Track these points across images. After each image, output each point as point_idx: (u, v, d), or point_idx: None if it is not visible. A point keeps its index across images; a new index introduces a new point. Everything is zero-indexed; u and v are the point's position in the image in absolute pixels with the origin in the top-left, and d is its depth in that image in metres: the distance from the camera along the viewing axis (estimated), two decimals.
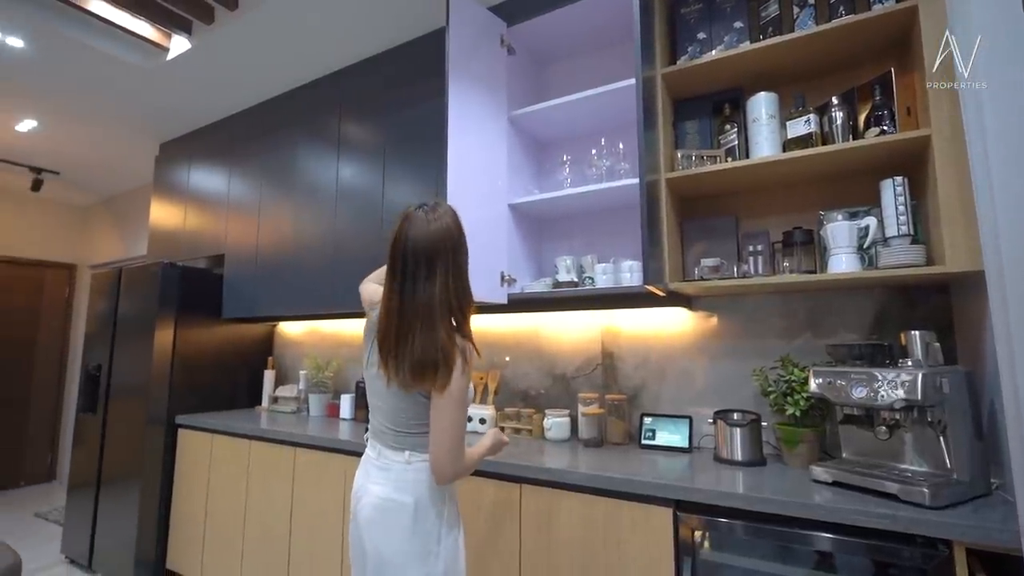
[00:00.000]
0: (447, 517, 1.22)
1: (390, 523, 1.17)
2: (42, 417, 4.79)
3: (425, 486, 1.19)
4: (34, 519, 3.74)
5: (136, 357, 2.79)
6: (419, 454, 1.21)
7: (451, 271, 1.17)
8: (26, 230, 4.79)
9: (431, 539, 1.17)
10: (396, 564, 1.16)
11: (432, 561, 1.16)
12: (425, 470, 1.19)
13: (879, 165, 1.55)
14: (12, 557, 0.97)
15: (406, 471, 1.20)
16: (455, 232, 1.21)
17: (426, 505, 1.18)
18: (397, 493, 1.18)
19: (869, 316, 1.66)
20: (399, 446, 1.22)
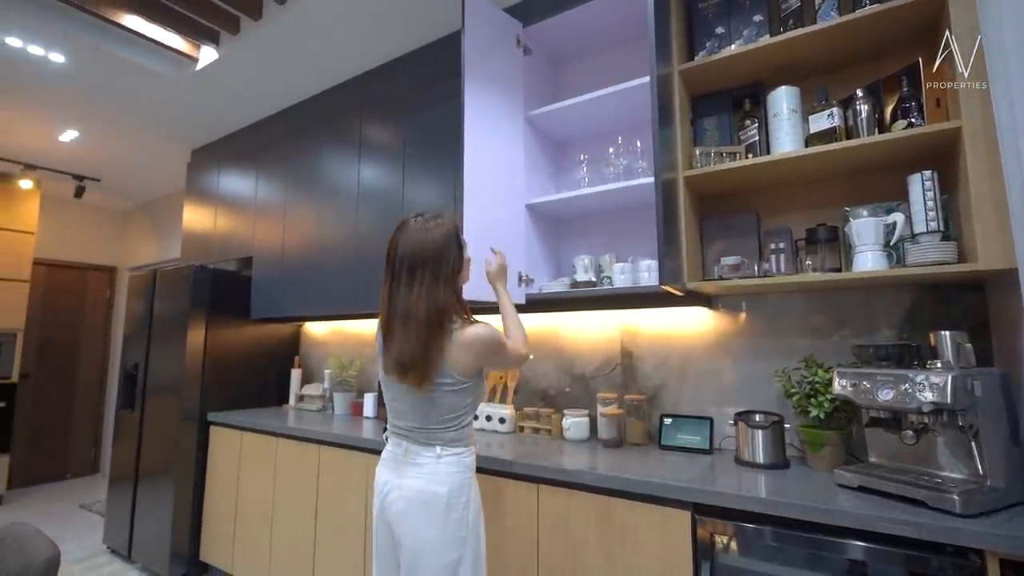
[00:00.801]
0: (473, 504, 1.32)
1: (426, 513, 1.26)
2: (86, 413, 5.03)
3: (456, 477, 1.29)
4: (79, 510, 3.93)
5: (170, 356, 2.90)
6: (449, 448, 1.31)
7: (427, 281, 1.24)
8: (70, 234, 5.03)
9: (462, 524, 1.28)
10: (433, 550, 1.25)
11: (462, 544, 1.27)
12: (455, 463, 1.30)
13: (907, 159, 1.50)
14: (51, 549, 1.02)
15: (438, 465, 1.29)
16: (440, 243, 1.27)
17: (457, 494, 1.28)
18: (431, 485, 1.28)
19: (898, 315, 1.61)
20: (429, 442, 1.32)
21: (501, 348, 1.33)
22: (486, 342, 1.28)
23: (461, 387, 1.29)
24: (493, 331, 1.31)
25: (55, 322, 4.87)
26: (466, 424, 1.34)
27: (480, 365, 1.31)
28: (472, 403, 1.35)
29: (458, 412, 1.31)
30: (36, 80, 2.86)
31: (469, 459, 1.35)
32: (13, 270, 4.16)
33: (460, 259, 1.32)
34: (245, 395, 3.06)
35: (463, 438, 1.34)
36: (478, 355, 1.28)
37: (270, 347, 3.24)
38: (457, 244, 1.31)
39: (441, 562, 1.25)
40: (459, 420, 1.32)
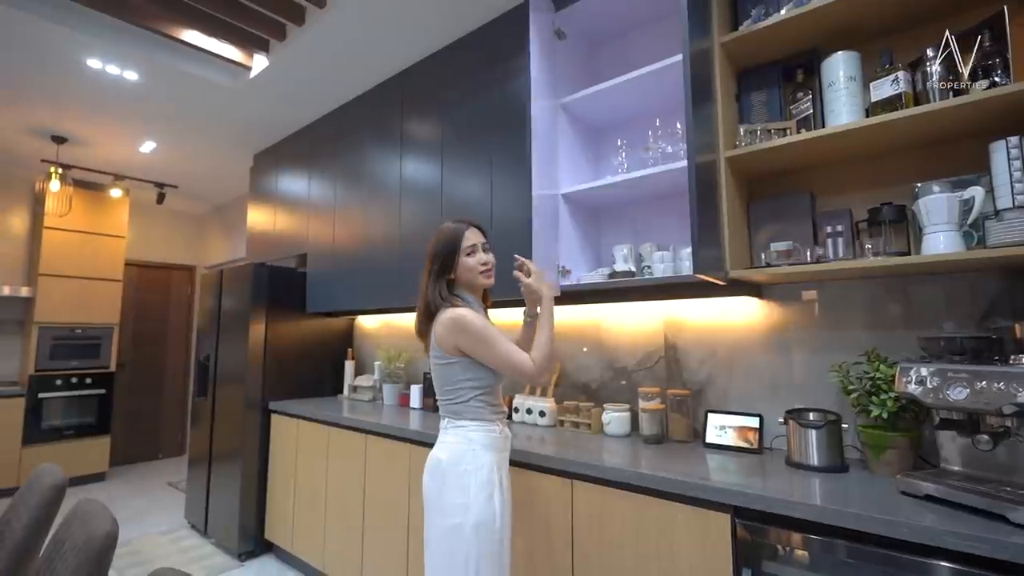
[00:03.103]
0: (476, 475, 1.36)
1: (430, 478, 1.42)
2: (174, 400, 5.51)
3: (457, 447, 1.40)
4: (167, 487, 4.32)
5: (235, 348, 3.10)
6: (454, 420, 1.44)
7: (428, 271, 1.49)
8: (154, 237, 5.51)
9: (462, 491, 1.35)
10: (433, 513, 1.39)
11: (462, 512, 1.34)
12: (459, 434, 1.42)
13: (989, 124, 1.31)
14: (111, 524, 1.11)
15: (446, 434, 1.44)
16: (436, 244, 1.50)
17: (456, 461, 1.38)
18: (437, 451, 1.44)
19: (977, 304, 1.42)
20: (444, 414, 1.48)
21: (475, 335, 1.37)
22: (451, 320, 1.39)
23: (447, 361, 1.43)
24: (462, 315, 1.38)
25: (145, 317, 5.36)
26: (466, 400, 1.43)
27: (457, 343, 1.39)
28: (468, 381, 1.42)
29: (452, 385, 1.44)
30: (116, 97, 3.13)
31: (475, 434, 1.41)
32: (109, 271, 4.62)
33: (452, 257, 1.47)
34: (303, 385, 3.22)
35: (464, 413, 1.43)
36: (449, 332, 1.39)
37: (325, 339, 3.39)
38: (448, 249, 1.47)
39: (442, 524, 1.35)
40: (456, 394, 1.43)
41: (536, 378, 1.39)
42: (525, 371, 1.37)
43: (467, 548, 1.32)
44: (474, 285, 1.50)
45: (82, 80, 2.92)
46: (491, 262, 1.51)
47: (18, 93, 3.09)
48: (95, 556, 1.09)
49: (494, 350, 1.38)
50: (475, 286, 1.50)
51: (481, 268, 1.48)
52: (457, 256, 1.47)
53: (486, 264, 1.50)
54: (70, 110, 3.33)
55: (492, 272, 1.52)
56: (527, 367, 1.37)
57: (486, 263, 1.50)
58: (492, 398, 1.46)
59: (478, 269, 1.48)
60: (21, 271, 4.56)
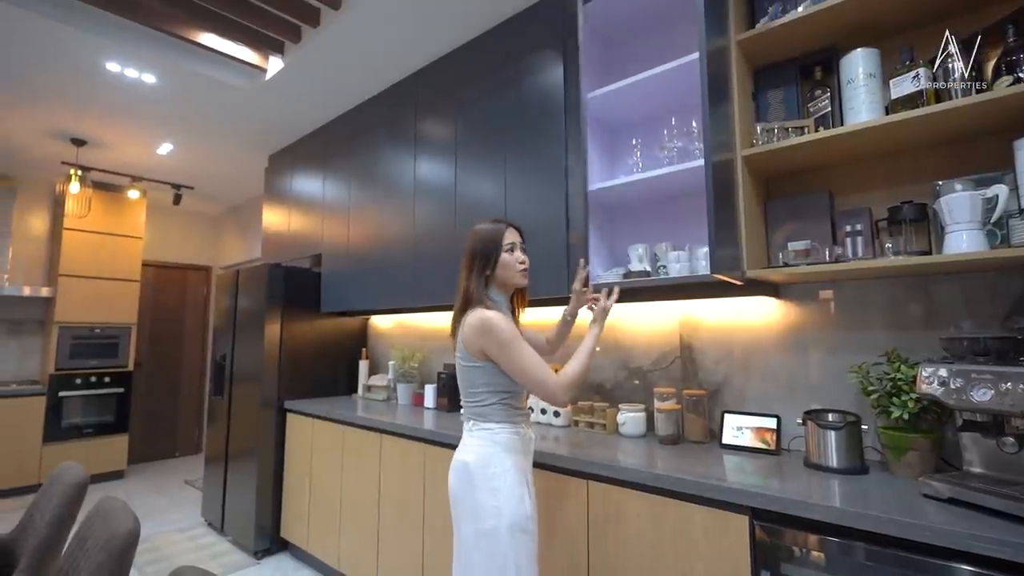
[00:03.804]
0: (504, 477, 1.34)
1: (459, 480, 1.39)
2: (191, 398, 5.59)
3: (483, 449, 1.38)
4: (184, 485, 4.38)
5: (251, 348, 3.14)
6: (479, 422, 1.42)
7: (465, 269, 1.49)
8: (171, 238, 5.59)
9: (494, 493, 1.33)
10: (465, 518, 1.36)
11: (493, 514, 1.32)
12: (482, 436, 1.40)
13: (1013, 121, 1.29)
14: (133, 522, 1.13)
15: (471, 437, 1.42)
16: (473, 243, 1.50)
17: (483, 463, 1.36)
18: (463, 454, 1.41)
19: (999, 304, 1.39)
20: (467, 417, 1.46)
21: (500, 341, 1.34)
22: (478, 322, 1.36)
23: (472, 364, 1.42)
24: (489, 318, 1.35)
25: (162, 317, 5.44)
26: (490, 403, 1.41)
27: (482, 347, 1.37)
28: (491, 384, 1.41)
29: (476, 388, 1.42)
30: (134, 100, 3.18)
31: (500, 436, 1.39)
32: (126, 271, 4.69)
33: (494, 252, 1.46)
34: (318, 384, 3.25)
35: (489, 415, 1.41)
36: (476, 335, 1.37)
37: (340, 339, 3.42)
38: (489, 245, 1.47)
39: (476, 528, 1.32)
40: (480, 397, 1.42)
41: (561, 399, 1.33)
42: (548, 389, 1.33)
43: (505, 551, 1.30)
44: (509, 284, 1.50)
45: (101, 83, 2.97)
46: (527, 262, 1.51)
47: (39, 97, 3.15)
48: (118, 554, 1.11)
49: (517, 361, 1.34)
50: (509, 285, 1.50)
51: (520, 266, 1.48)
52: (498, 253, 1.46)
53: (524, 263, 1.49)
54: (89, 113, 3.39)
55: (528, 272, 1.51)
56: (550, 385, 1.33)
57: (524, 262, 1.49)
58: (516, 400, 1.45)
59: (516, 267, 1.48)
60: (42, 272, 4.65)
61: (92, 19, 2.44)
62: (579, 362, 1.38)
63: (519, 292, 1.55)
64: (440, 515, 2.05)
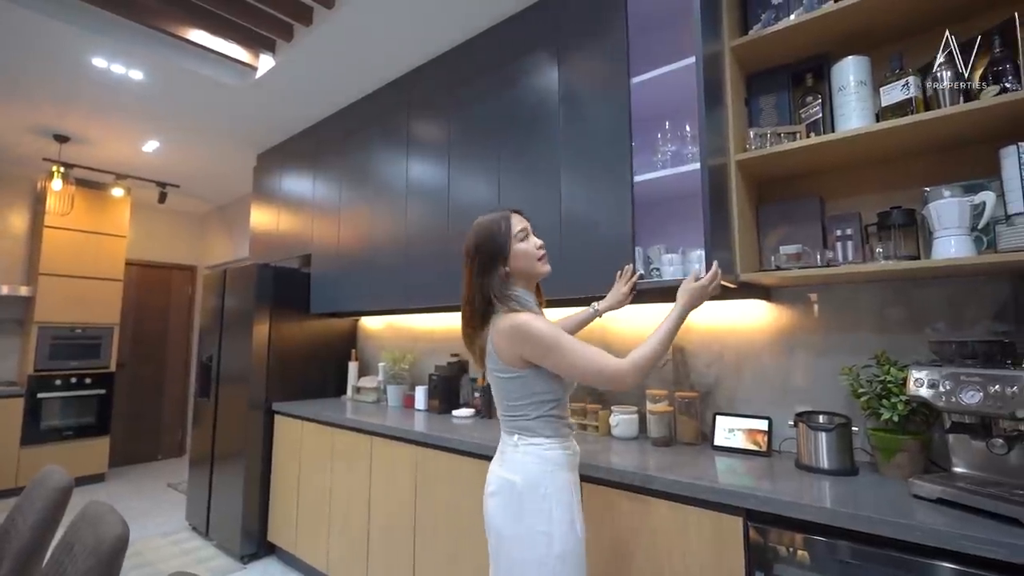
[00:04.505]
0: (558, 499, 1.22)
1: (504, 502, 1.24)
2: (174, 400, 5.49)
3: (532, 467, 1.23)
4: (167, 489, 4.30)
5: (239, 349, 3.09)
6: (526, 437, 1.27)
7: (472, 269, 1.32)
8: (156, 237, 5.50)
9: (541, 518, 1.20)
10: (511, 543, 1.22)
11: (546, 542, 1.18)
12: (532, 452, 1.25)
13: (999, 130, 1.32)
14: (121, 527, 1.10)
15: (516, 453, 1.27)
16: (479, 237, 1.32)
17: (533, 484, 1.22)
18: (508, 472, 1.26)
19: (988, 308, 1.42)
20: (510, 431, 1.31)
21: (544, 344, 1.19)
22: (511, 329, 1.22)
23: (510, 375, 1.26)
24: (525, 321, 1.20)
25: (146, 317, 5.34)
26: (537, 416, 1.26)
27: (520, 353, 1.22)
28: (535, 395, 1.26)
29: (517, 400, 1.27)
30: (121, 96, 3.12)
31: (551, 453, 1.25)
32: (109, 271, 4.60)
33: (500, 250, 1.29)
34: (307, 385, 3.21)
35: (537, 429, 1.26)
36: (511, 343, 1.22)
37: (329, 340, 3.38)
38: (497, 236, 1.30)
39: (523, 557, 1.19)
40: (525, 410, 1.27)
41: (629, 382, 1.17)
42: (611, 374, 1.17)
43: None
44: (532, 274, 1.33)
45: (87, 79, 2.92)
46: (544, 246, 1.35)
47: (22, 92, 3.08)
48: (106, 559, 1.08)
49: (568, 359, 1.19)
50: (533, 275, 1.34)
51: (539, 253, 1.33)
52: (509, 244, 1.29)
53: (541, 248, 1.34)
54: (74, 109, 3.32)
55: (548, 258, 1.35)
56: (621, 370, 1.17)
57: (542, 247, 1.34)
58: (562, 411, 1.30)
59: (536, 254, 1.32)
60: (21, 270, 4.54)
61: (78, 14, 2.39)
62: (655, 343, 1.21)
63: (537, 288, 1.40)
64: (432, 519, 2.03)
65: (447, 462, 2.00)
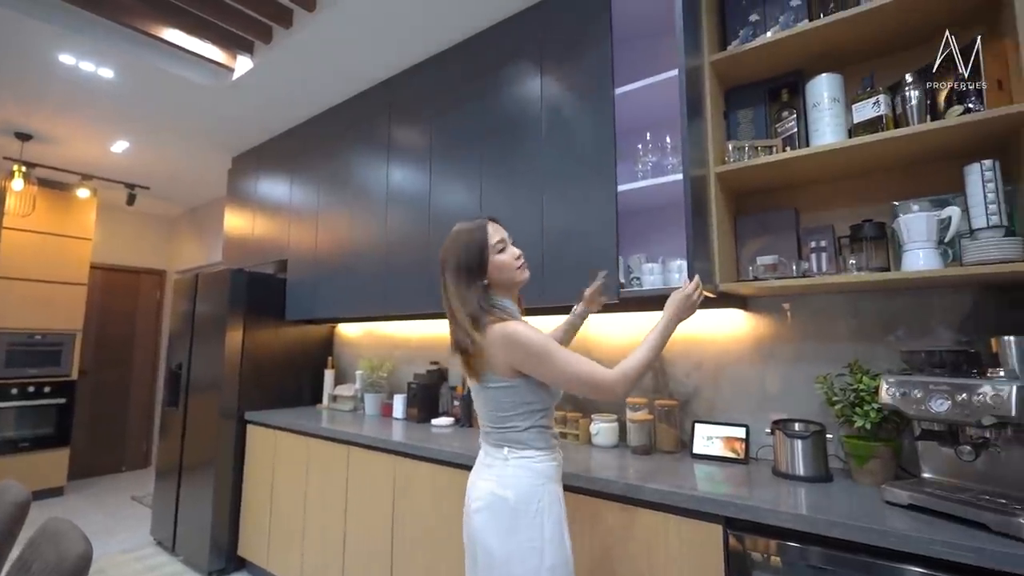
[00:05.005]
0: (550, 512, 1.21)
1: (495, 518, 1.21)
2: (140, 409, 5.29)
3: (524, 481, 1.22)
4: (131, 502, 4.13)
5: (210, 356, 3.00)
6: (516, 450, 1.25)
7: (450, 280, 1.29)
8: (123, 240, 5.32)
9: (534, 533, 1.19)
10: (502, 560, 1.19)
11: (538, 556, 1.17)
12: (524, 466, 1.23)
13: (963, 148, 1.38)
14: (84, 545, 1.05)
15: (506, 467, 1.25)
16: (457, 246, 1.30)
17: (526, 499, 1.20)
18: (499, 488, 1.23)
19: (954, 318, 1.48)
20: (498, 443, 1.28)
21: (535, 352, 1.19)
22: (503, 338, 1.20)
23: (502, 385, 1.24)
24: (516, 330, 1.19)
25: (111, 322, 5.15)
26: (528, 427, 1.25)
27: (510, 362, 1.21)
28: (525, 405, 1.25)
29: (509, 412, 1.25)
30: (88, 94, 3.02)
31: (542, 465, 1.24)
32: (73, 274, 4.42)
33: (478, 263, 1.27)
34: (281, 394, 3.13)
35: (527, 441, 1.25)
36: (503, 352, 1.21)
37: (305, 348, 3.31)
38: (474, 249, 1.28)
39: (513, 572, 1.17)
40: (514, 421, 1.25)
41: (619, 393, 1.18)
42: (600, 384, 1.18)
43: None
44: (511, 284, 1.32)
45: (53, 76, 2.81)
46: (522, 255, 1.33)
47: None
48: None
49: (558, 367, 1.18)
50: (512, 285, 1.32)
51: (518, 263, 1.31)
52: (486, 255, 1.27)
53: (520, 258, 1.32)
54: (38, 107, 3.19)
55: (527, 265, 1.34)
56: (608, 380, 1.17)
57: (519, 256, 1.32)
58: (549, 421, 1.30)
59: (514, 264, 1.30)
60: None
61: (45, 7, 2.30)
62: (643, 353, 1.22)
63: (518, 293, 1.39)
64: (411, 530, 2.00)
65: (426, 472, 1.97)
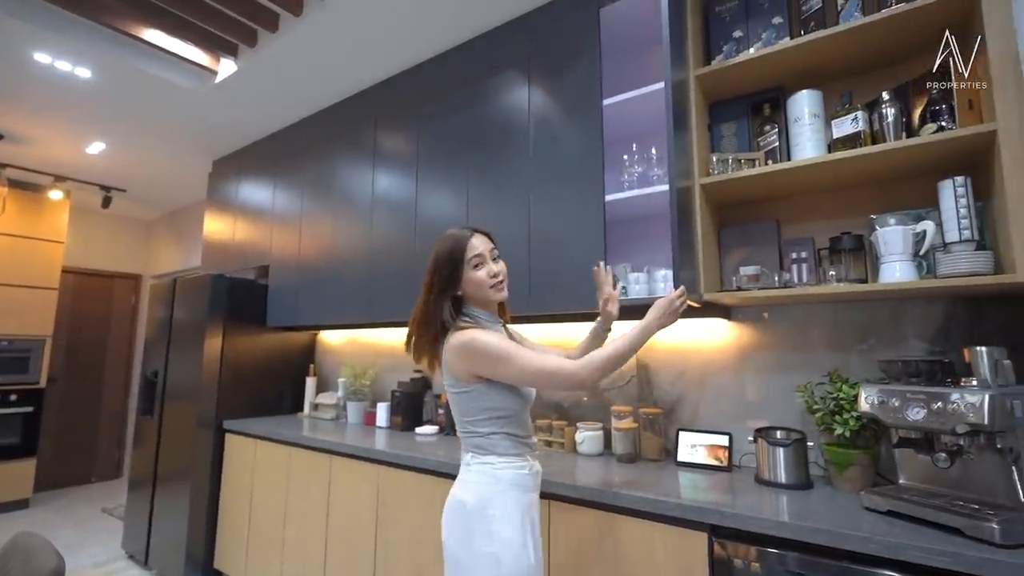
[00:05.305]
0: (509, 519, 1.19)
1: (455, 521, 1.24)
2: (111, 417, 5.14)
3: (484, 488, 1.23)
4: (101, 514, 3.99)
5: (188, 364, 2.93)
6: (478, 456, 1.26)
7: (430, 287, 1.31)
8: (97, 244, 5.18)
9: (488, 539, 1.18)
10: (461, 565, 1.20)
11: (494, 567, 1.15)
12: (484, 472, 1.24)
13: (937, 164, 1.43)
14: (56, 560, 1.02)
15: (469, 472, 1.27)
16: (438, 256, 1.32)
17: (482, 505, 1.20)
18: (460, 492, 1.25)
19: (928, 329, 1.52)
20: (464, 448, 1.31)
21: (491, 355, 1.20)
22: (459, 345, 1.23)
23: (462, 391, 1.27)
24: (472, 337, 1.22)
25: (83, 328, 5.00)
26: (490, 432, 1.26)
27: (472, 369, 1.23)
28: (487, 411, 1.25)
29: (472, 416, 1.27)
30: (64, 95, 2.95)
31: (504, 472, 1.23)
32: (43, 279, 4.28)
33: (455, 271, 1.29)
34: (261, 402, 3.07)
35: (489, 447, 1.25)
36: (460, 359, 1.23)
37: (286, 355, 3.26)
38: (450, 263, 1.29)
39: None
40: (477, 426, 1.26)
41: (584, 382, 1.19)
42: (565, 375, 1.18)
43: None
44: (484, 301, 1.32)
45: (26, 75, 2.74)
46: (502, 273, 1.33)
47: None
48: None
49: (518, 365, 1.19)
50: (485, 302, 1.33)
51: (491, 282, 1.30)
52: (461, 269, 1.28)
53: (496, 276, 1.31)
54: (11, 106, 3.10)
55: (505, 284, 1.33)
56: (565, 370, 1.18)
57: (496, 275, 1.31)
58: (518, 428, 1.28)
59: (488, 283, 1.29)
60: None
61: (18, 5, 2.24)
62: (614, 346, 1.22)
63: (500, 305, 1.38)
64: (394, 541, 1.97)
65: (410, 481, 1.95)
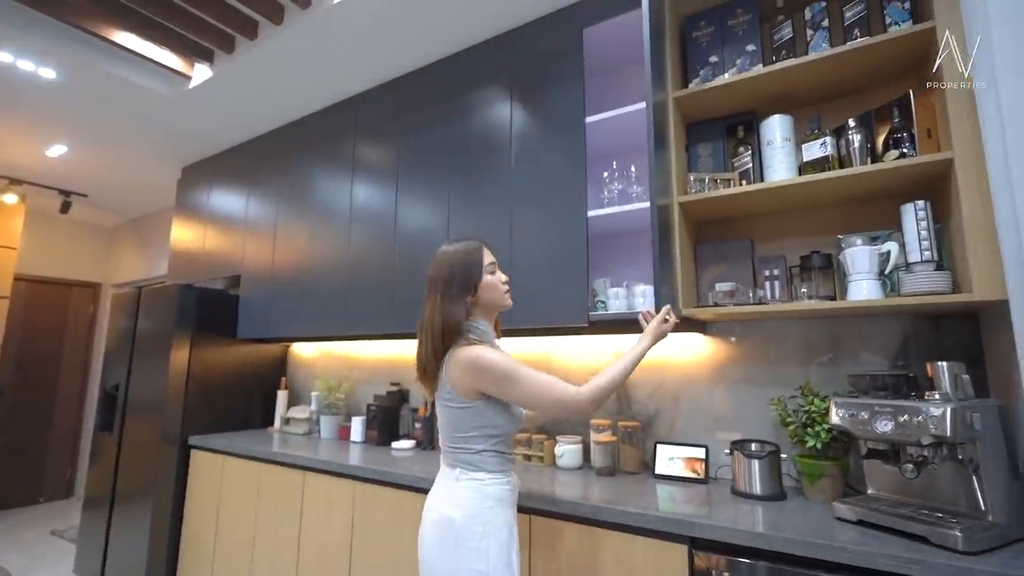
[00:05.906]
0: (496, 537, 1.21)
1: (440, 537, 1.23)
2: (64, 433, 4.87)
3: (473, 504, 1.23)
4: (50, 537, 3.77)
5: (152, 376, 2.82)
6: (468, 471, 1.27)
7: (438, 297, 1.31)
8: (54, 250, 4.95)
9: (479, 557, 1.19)
10: None
11: None
12: (474, 488, 1.25)
13: (900, 188, 1.51)
14: None
15: (458, 487, 1.26)
16: (451, 264, 1.33)
17: (471, 522, 1.21)
18: (448, 508, 1.25)
19: (894, 344, 1.60)
20: (452, 463, 1.31)
21: (500, 374, 1.22)
22: (468, 361, 1.23)
23: (460, 405, 1.27)
24: (480, 354, 1.22)
25: (36, 338, 4.74)
26: (481, 449, 1.27)
27: (476, 386, 1.24)
28: (483, 428, 1.27)
29: (464, 432, 1.28)
30: (25, 95, 2.83)
31: (492, 489, 1.26)
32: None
33: (470, 281, 1.32)
34: (230, 417, 2.97)
35: (480, 464, 1.27)
36: (467, 375, 1.24)
37: (257, 368, 3.17)
38: (468, 267, 1.33)
39: None
40: (471, 442, 1.28)
41: (586, 410, 1.23)
42: (568, 402, 1.21)
43: None
44: (496, 307, 1.37)
45: None
46: (508, 282, 1.39)
47: None
48: None
49: (529, 386, 1.21)
50: (496, 308, 1.38)
51: (505, 288, 1.37)
52: (480, 274, 1.32)
53: (507, 283, 1.38)
54: None
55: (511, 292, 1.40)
56: (569, 396, 1.21)
57: (507, 282, 1.38)
58: (506, 446, 1.33)
59: (502, 288, 1.36)
60: None
61: None
62: (611, 375, 1.27)
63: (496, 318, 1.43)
64: (370, 558, 1.93)
65: (387, 497, 1.91)
